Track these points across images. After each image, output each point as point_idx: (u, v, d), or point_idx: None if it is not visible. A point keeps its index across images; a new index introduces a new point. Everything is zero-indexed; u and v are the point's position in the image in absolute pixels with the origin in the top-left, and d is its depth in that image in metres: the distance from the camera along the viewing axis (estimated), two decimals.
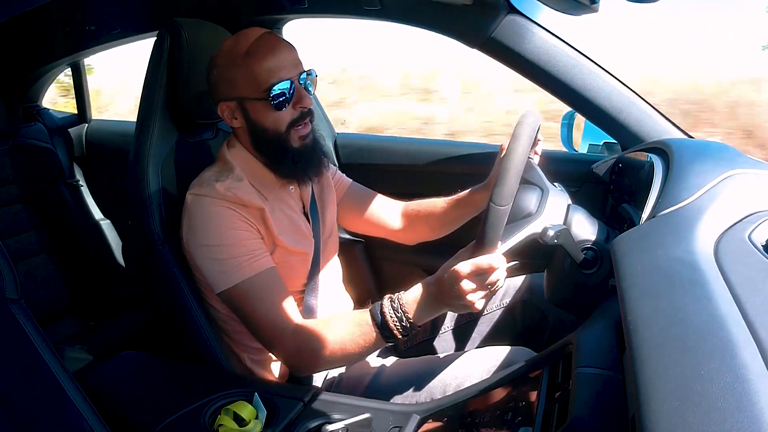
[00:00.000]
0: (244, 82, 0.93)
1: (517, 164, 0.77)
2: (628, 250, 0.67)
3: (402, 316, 0.84)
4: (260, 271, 0.93)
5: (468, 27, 1.20)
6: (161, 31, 1.06)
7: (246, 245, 0.93)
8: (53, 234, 1.68)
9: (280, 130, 0.95)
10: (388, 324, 0.84)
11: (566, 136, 1.44)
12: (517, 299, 1.17)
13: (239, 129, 0.99)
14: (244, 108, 0.95)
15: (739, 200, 0.70)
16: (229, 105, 0.96)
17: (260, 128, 0.96)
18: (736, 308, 0.47)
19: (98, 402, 0.72)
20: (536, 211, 0.89)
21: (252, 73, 0.92)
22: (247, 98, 0.94)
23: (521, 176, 0.79)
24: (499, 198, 0.76)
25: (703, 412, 0.37)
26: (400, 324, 0.84)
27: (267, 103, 0.92)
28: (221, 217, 0.93)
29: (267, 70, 0.91)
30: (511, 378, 0.82)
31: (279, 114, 0.94)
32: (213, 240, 0.92)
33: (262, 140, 0.97)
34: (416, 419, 0.83)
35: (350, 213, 1.23)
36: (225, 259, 0.92)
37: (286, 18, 1.48)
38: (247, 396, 0.87)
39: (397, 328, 0.84)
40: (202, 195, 0.94)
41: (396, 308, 0.84)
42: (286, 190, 1.04)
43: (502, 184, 0.76)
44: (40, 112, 1.88)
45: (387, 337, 0.85)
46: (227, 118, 0.97)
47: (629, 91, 1.20)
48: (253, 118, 0.95)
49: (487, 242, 0.77)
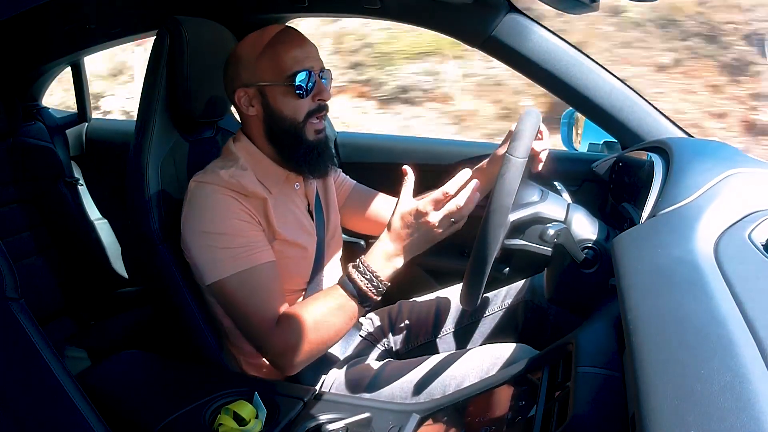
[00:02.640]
0: (267, 67, 0.94)
1: (533, 122, 0.82)
2: (628, 249, 0.67)
3: (371, 277, 0.88)
4: (257, 264, 0.92)
5: (468, 26, 1.20)
6: (161, 30, 1.06)
7: (245, 236, 0.92)
8: (53, 233, 1.68)
9: (297, 119, 0.96)
10: (362, 290, 0.88)
11: (566, 134, 1.43)
12: (519, 300, 1.17)
13: (253, 118, 0.98)
14: (263, 94, 0.96)
15: (739, 199, 0.70)
16: (247, 91, 0.96)
17: (278, 116, 0.96)
18: (736, 307, 0.47)
19: (98, 401, 0.72)
20: (540, 199, 0.92)
21: (277, 59, 0.94)
22: (268, 84, 0.95)
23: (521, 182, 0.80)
24: (515, 150, 0.77)
25: (702, 412, 0.37)
26: (371, 285, 0.88)
27: (289, 89, 0.94)
28: (222, 205, 0.92)
29: (292, 58, 0.94)
30: (511, 377, 0.82)
31: (299, 102, 0.95)
32: (212, 227, 0.91)
33: (277, 129, 0.97)
34: (416, 419, 0.83)
35: (354, 214, 1.23)
36: (222, 248, 0.91)
37: (286, 16, 1.48)
38: (247, 395, 0.87)
39: (371, 290, 0.89)
40: (206, 182, 0.94)
41: (363, 272, 0.89)
42: (291, 186, 1.04)
43: (519, 138, 0.79)
44: (40, 111, 1.88)
45: (364, 303, 0.90)
46: (243, 105, 0.97)
47: (629, 89, 1.20)
48: (272, 104, 0.96)
49: (505, 193, 0.77)
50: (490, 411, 0.79)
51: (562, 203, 0.94)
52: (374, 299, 0.90)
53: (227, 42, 1.15)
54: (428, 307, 1.22)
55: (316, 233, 1.07)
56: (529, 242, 0.91)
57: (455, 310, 1.20)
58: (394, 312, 1.25)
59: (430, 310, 1.21)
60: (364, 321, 1.26)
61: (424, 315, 1.21)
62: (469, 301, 0.83)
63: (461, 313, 1.19)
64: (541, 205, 0.91)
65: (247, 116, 0.99)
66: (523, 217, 0.89)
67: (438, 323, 1.20)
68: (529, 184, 0.95)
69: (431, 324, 1.19)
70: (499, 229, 0.76)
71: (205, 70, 1.09)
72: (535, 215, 0.90)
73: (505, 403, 0.78)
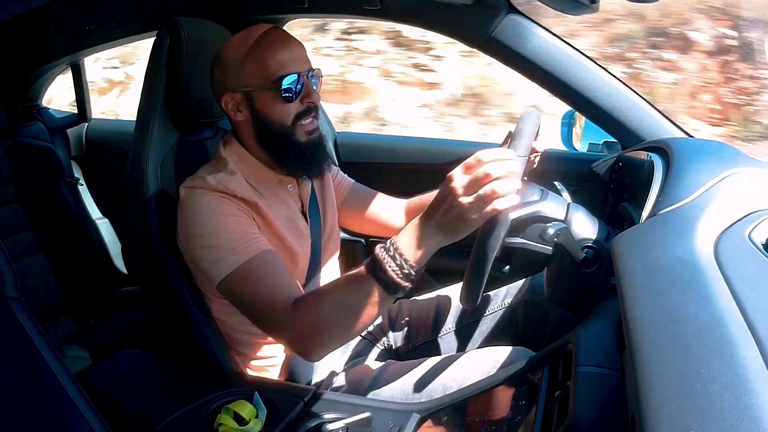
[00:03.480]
0: (252, 72, 0.92)
1: (534, 121, 0.83)
2: (628, 248, 0.67)
3: (402, 262, 0.75)
4: (257, 253, 0.89)
5: (468, 27, 1.20)
6: (161, 31, 1.06)
7: (239, 230, 0.90)
8: (53, 233, 1.68)
9: (285, 123, 0.94)
10: (391, 277, 0.76)
11: (566, 135, 1.44)
12: (519, 299, 1.16)
13: (242, 123, 0.97)
14: (250, 99, 0.94)
15: (739, 199, 0.70)
16: (234, 97, 0.94)
17: (266, 120, 0.94)
18: (736, 307, 0.47)
19: (98, 401, 0.72)
20: (540, 199, 0.92)
21: (262, 63, 0.91)
22: (254, 89, 0.92)
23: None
24: (516, 148, 0.78)
25: (702, 411, 0.37)
26: (401, 272, 0.75)
27: (275, 93, 0.91)
28: (213, 205, 0.91)
29: (277, 62, 0.91)
30: (511, 377, 0.82)
31: (286, 106, 0.93)
32: (206, 228, 0.90)
33: (267, 133, 0.96)
34: (416, 418, 0.83)
35: (353, 214, 1.22)
36: (220, 245, 0.89)
37: (286, 17, 1.48)
38: (247, 395, 0.87)
39: (400, 277, 0.75)
40: (193, 187, 0.93)
41: (393, 256, 0.75)
42: (283, 188, 1.03)
43: (520, 137, 0.79)
44: (40, 111, 1.88)
45: (393, 291, 0.77)
46: (231, 110, 0.95)
47: (629, 90, 1.20)
48: (260, 110, 0.94)
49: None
50: (490, 411, 0.79)
51: (562, 203, 0.94)
52: (403, 286, 0.77)
53: None
54: (428, 306, 1.22)
55: (311, 235, 1.06)
56: (529, 241, 0.91)
57: (455, 310, 1.20)
58: (394, 311, 1.25)
59: (431, 309, 1.21)
60: None
61: (424, 314, 1.21)
62: (469, 300, 0.83)
63: (461, 312, 1.19)
64: (541, 204, 0.91)
65: (236, 121, 0.97)
66: (523, 216, 0.89)
67: (438, 322, 1.20)
68: (529, 183, 0.95)
69: (431, 323, 1.19)
70: (500, 226, 0.76)
71: (205, 71, 1.08)
72: (535, 213, 0.90)
73: (505, 403, 0.78)
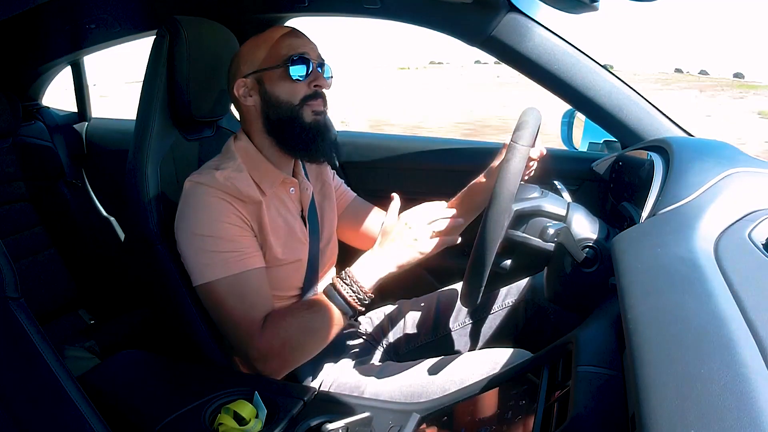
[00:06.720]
0: (264, 55, 0.97)
1: (536, 115, 0.84)
2: (628, 248, 0.66)
3: (357, 289, 0.92)
4: (247, 269, 0.92)
5: (468, 25, 1.20)
6: (161, 30, 1.06)
7: (237, 241, 0.92)
8: (53, 232, 1.68)
9: (293, 102, 0.96)
10: (347, 300, 0.92)
11: (566, 134, 1.44)
12: (520, 299, 1.17)
13: (251, 108, 0.99)
14: (261, 82, 0.97)
15: (739, 199, 0.70)
16: (245, 81, 0.98)
17: (274, 100, 0.97)
18: (736, 307, 0.47)
19: (98, 401, 0.72)
20: (541, 196, 0.93)
21: (274, 47, 0.96)
22: (264, 69, 0.96)
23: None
24: (520, 138, 0.79)
25: (702, 411, 0.37)
26: (357, 297, 0.92)
27: (284, 71, 0.95)
28: (216, 209, 0.92)
29: (288, 45, 0.96)
30: (511, 377, 0.82)
31: (294, 85, 0.96)
32: (204, 230, 0.92)
33: (275, 116, 0.97)
34: (416, 418, 0.83)
35: (350, 227, 1.23)
36: (213, 251, 0.91)
37: (287, 16, 1.47)
38: (248, 395, 0.87)
39: (356, 301, 0.92)
40: (200, 183, 0.94)
41: (349, 284, 0.92)
42: (285, 190, 1.04)
43: (523, 128, 0.80)
44: (41, 111, 1.88)
45: (349, 313, 0.93)
46: (242, 96, 0.98)
47: (629, 89, 1.20)
48: (269, 90, 0.97)
49: (509, 179, 0.78)
50: (490, 411, 0.79)
51: (562, 203, 0.94)
52: (359, 309, 0.93)
53: (227, 42, 1.15)
54: (429, 306, 1.22)
55: (309, 239, 1.06)
56: (531, 236, 0.91)
57: (456, 310, 1.20)
58: (394, 312, 1.25)
59: (431, 309, 1.21)
60: (363, 321, 1.26)
61: (424, 314, 1.21)
62: (469, 300, 0.83)
63: (462, 312, 1.19)
64: (543, 200, 0.92)
65: (246, 108, 0.99)
66: (525, 208, 0.90)
67: (438, 323, 1.20)
68: (528, 184, 0.95)
69: (432, 323, 1.19)
70: (503, 214, 0.76)
71: (205, 70, 1.09)
72: (537, 207, 0.90)
73: (505, 403, 0.78)
